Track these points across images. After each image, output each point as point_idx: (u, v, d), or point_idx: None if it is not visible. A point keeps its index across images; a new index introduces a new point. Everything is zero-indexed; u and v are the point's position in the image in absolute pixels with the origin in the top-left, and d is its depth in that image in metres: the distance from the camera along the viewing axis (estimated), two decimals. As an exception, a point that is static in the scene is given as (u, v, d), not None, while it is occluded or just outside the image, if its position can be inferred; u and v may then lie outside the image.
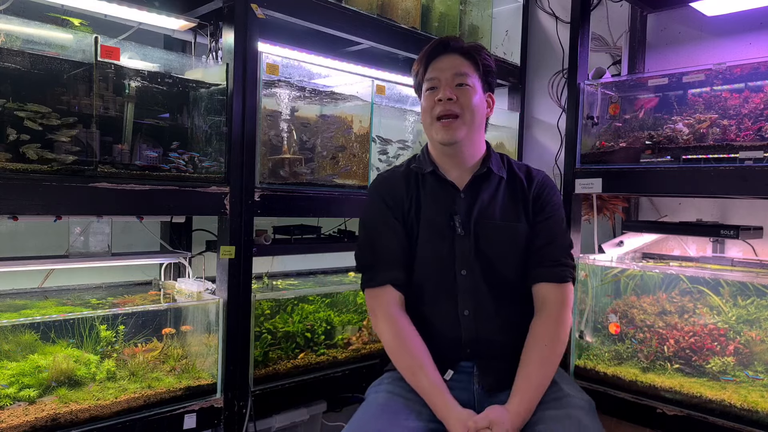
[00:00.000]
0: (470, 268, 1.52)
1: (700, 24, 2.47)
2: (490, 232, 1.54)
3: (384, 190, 1.62)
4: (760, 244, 2.24)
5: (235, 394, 1.91)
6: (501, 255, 1.54)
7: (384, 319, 1.51)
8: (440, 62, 1.56)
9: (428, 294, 1.55)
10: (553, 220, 1.57)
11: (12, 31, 1.57)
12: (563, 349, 1.49)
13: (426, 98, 1.57)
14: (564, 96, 2.87)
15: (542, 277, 1.52)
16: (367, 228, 1.62)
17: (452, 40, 1.57)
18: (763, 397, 1.77)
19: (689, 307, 1.99)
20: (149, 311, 1.86)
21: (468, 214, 1.55)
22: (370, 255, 1.57)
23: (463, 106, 1.52)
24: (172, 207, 1.75)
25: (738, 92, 1.93)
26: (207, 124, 1.94)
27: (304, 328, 2.17)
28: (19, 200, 1.47)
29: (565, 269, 1.53)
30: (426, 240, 1.55)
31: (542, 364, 1.43)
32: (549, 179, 1.64)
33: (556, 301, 1.50)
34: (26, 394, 1.58)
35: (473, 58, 1.56)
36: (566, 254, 1.56)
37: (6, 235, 1.97)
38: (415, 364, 1.44)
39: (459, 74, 1.53)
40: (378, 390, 1.49)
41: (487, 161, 1.60)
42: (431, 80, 1.56)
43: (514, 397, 1.39)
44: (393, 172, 1.67)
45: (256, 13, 1.89)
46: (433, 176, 1.60)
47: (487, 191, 1.58)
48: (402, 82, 2.54)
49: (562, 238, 1.58)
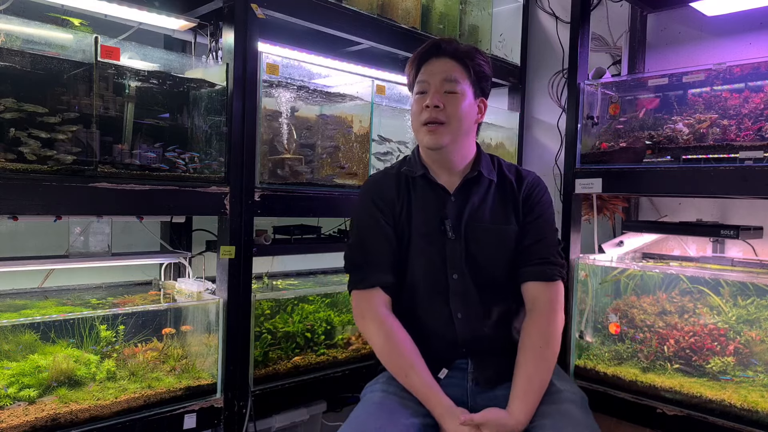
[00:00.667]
0: (461, 271, 1.53)
1: (700, 24, 2.47)
2: (480, 235, 1.55)
3: (375, 192, 1.61)
4: (760, 244, 2.24)
5: (235, 394, 1.91)
6: (491, 257, 1.55)
7: (373, 322, 1.50)
8: (431, 65, 1.54)
9: (421, 296, 1.56)
10: (542, 220, 1.58)
11: (12, 31, 1.57)
12: (558, 348, 1.49)
13: (415, 102, 1.57)
14: (564, 96, 2.87)
15: (530, 276, 1.53)
16: (358, 230, 1.61)
17: (445, 43, 1.55)
18: (763, 397, 1.77)
19: (689, 307, 1.99)
20: (149, 311, 1.86)
21: (458, 217, 1.55)
22: (360, 257, 1.56)
23: (450, 114, 1.51)
24: (172, 207, 1.75)
25: (738, 92, 1.93)
26: (207, 124, 1.94)
27: (304, 328, 2.17)
28: (19, 200, 1.47)
29: (553, 267, 1.53)
30: (417, 244, 1.56)
31: (539, 366, 1.43)
32: (538, 180, 1.65)
33: (547, 300, 1.51)
34: (26, 394, 1.58)
35: (465, 63, 1.54)
36: (555, 252, 1.56)
37: (6, 235, 1.97)
38: (407, 365, 1.44)
39: (449, 80, 1.51)
40: (373, 389, 1.50)
41: (477, 165, 1.59)
42: (421, 83, 1.55)
43: (515, 401, 1.38)
44: (385, 174, 1.66)
45: (256, 13, 1.89)
46: (424, 179, 1.59)
47: (477, 194, 1.58)
48: (402, 82, 2.54)
49: (551, 237, 1.58)
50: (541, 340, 1.46)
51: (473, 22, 2.86)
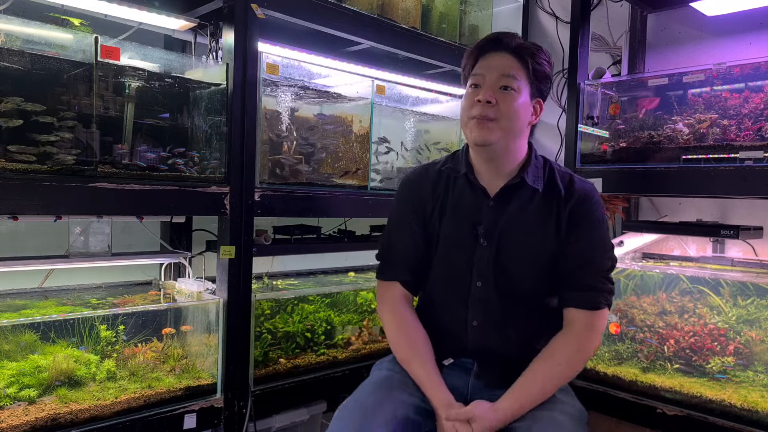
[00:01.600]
0: (486, 279, 1.47)
1: (700, 24, 2.47)
2: (513, 246, 1.47)
3: (409, 190, 1.59)
4: (760, 244, 2.24)
5: (235, 394, 1.91)
6: (520, 270, 1.47)
7: (388, 310, 1.55)
8: (489, 59, 1.45)
9: (441, 298, 1.54)
10: (586, 241, 1.45)
11: (12, 31, 1.57)
12: (578, 371, 1.43)
13: (467, 95, 1.48)
14: (564, 96, 2.87)
15: (572, 302, 1.45)
16: (389, 223, 1.64)
17: (506, 37, 1.45)
18: (763, 397, 1.77)
19: (689, 307, 1.99)
20: (149, 311, 1.86)
21: (493, 223, 1.48)
22: (385, 251, 1.61)
23: (502, 111, 1.41)
24: (172, 207, 1.75)
25: (738, 92, 1.93)
26: (207, 124, 1.94)
27: (304, 328, 2.17)
28: (19, 200, 1.47)
29: (598, 294, 1.43)
30: (446, 246, 1.52)
31: (546, 378, 1.39)
32: (592, 194, 1.50)
33: (584, 325, 1.42)
34: (26, 394, 1.58)
35: (525, 59, 1.44)
36: (601, 278, 1.45)
37: (6, 235, 1.97)
38: (412, 355, 1.46)
39: (505, 75, 1.42)
40: (380, 367, 1.53)
41: (523, 170, 1.49)
42: (476, 76, 1.46)
43: (506, 399, 1.37)
44: (425, 170, 1.61)
45: (256, 13, 1.89)
46: (465, 179, 1.52)
47: (518, 202, 1.48)
48: (402, 82, 2.55)
49: (599, 260, 1.45)
50: (563, 358, 1.40)
51: (473, 22, 2.86)
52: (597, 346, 1.45)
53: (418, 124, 2.70)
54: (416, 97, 2.57)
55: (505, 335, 1.48)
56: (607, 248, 1.48)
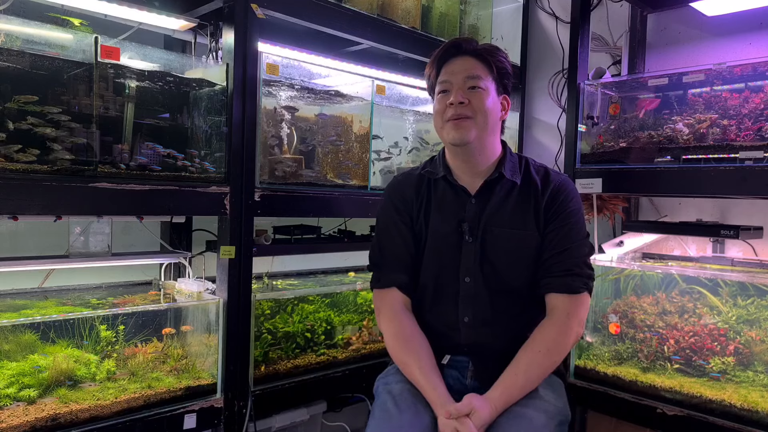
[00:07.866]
0: (474, 275, 1.52)
1: (700, 24, 2.47)
2: (497, 240, 1.51)
3: (395, 193, 1.63)
4: (760, 244, 2.24)
5: (235, 394, 1.91)
6: (506, 263, 1.52)
7: (386, 319, 1.55)
8: (452, 65, 1.52)
9: (431, 297, 1.56)
10: (567, 228, 1.51)
11: (12, 31, 1.57)
12: (560, 358, 1.47)
13: (438, 101, 1.54)
14: (564, 96, 2.87)
15: (552, 288, 1.49)
16: (378, 230, 1.65)
17: (465, 42, 1.54)
18: (763, 397, 1.77)
19: (689, 307, 1.99)
20: (149, 311, 1.86)
21: (477, 220, 1.53)
22: (378, 256, 1.61)
23: (476, 109, 1.49)
24: (172, 207, 1.75)
25: (738, 92, 1.93)
26: (207, 124, 1.94)
27: (304, 328, 2.17)
28: (19, 200, 1.47)
29: (578, 279, 1.48)
30: (433, 245, 1.55)
31: (530, 369, 1.42)
32: (567, 185, 1.57)
33: (564, 311, 1.47)
34: (26, 394, 1.58)
35: (487, 60, 1.52)
36: (581, 263, 1.50)
37: (6, 235, 1.97)
38: (411, 361, 1.46)
39: (471, 77, 1.49)
40: (387, 381, 1.51)
41: (500, 165, 1.56)
42: (443, 83, 1.53)
43: (496, 390, 1.40)
44: (407, 175, 1.67)
45: (256, 13, 1.89)
46: (445, 181, 1.58)
47: (498, 197, 1.54)
48: (402, 82, 2.54)
49: (577, 246, 1.51)
50: (542, 345, 1.44)
51: (473, 22, 2.86)
52: (579, 333, 1.49)
53: (418, 124, 2.70)
54: (416, 97, 2.57)
55: (497, 330, 1.51)
56: (583, 235, 1.55)
